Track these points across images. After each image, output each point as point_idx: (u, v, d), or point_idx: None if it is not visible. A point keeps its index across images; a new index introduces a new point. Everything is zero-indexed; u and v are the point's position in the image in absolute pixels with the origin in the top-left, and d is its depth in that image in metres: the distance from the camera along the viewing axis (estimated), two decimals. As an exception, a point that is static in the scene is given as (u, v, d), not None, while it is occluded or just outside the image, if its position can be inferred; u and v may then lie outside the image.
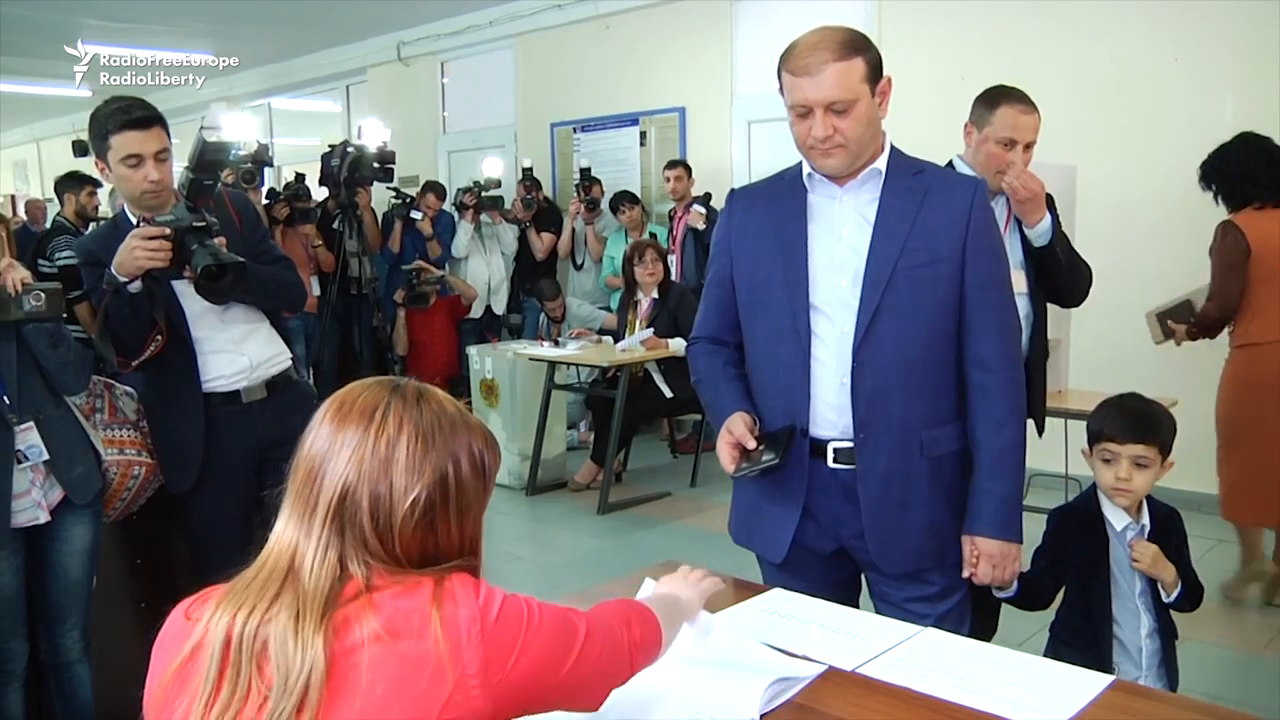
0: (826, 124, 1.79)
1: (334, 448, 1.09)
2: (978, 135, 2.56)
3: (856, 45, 1.79)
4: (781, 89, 1.85)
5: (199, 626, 1.08)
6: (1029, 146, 2.53)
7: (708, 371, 2.06)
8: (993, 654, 1.55)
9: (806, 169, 1.92)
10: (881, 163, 1.88)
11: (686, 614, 1.47)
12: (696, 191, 6.36)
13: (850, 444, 1.88)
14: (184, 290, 2.59)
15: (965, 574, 1.91)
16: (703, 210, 6.13)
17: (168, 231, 2.43)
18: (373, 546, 1.08)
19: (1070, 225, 3.74)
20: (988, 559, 1.89)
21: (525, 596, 1.13)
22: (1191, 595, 2.10)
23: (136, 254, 2.41)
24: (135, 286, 2.46)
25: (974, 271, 1.86)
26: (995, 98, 2.54)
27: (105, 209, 6.17)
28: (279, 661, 1.02)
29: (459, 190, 7.22)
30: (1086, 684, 1.43)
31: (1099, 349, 4.44)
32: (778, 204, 1.96)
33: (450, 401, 1.16)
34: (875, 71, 1.81)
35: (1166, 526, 2.14)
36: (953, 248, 1.85)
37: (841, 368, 1.86)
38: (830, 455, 1.89)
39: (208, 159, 2.60)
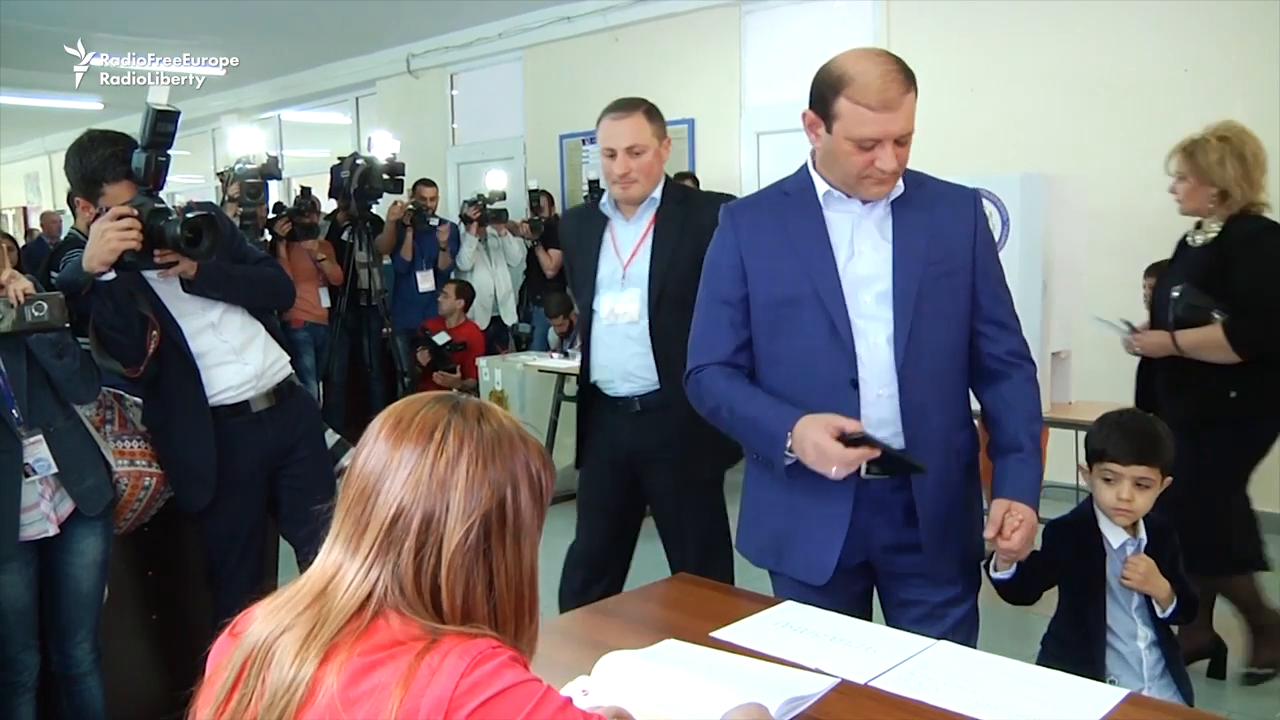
0: (898, 156, 1.77)
1: (390, 466, 1.04)
2: None
3: (912, 74, 1.78)
4: (830, 115, 1.78)
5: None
6: (631, 152, 2.60)
7: (738, 392, 1.91)
8: (1006, 667, 1.54)
9: (824, 187, 1.89)
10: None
11: None
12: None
13: None
14: (179, 308, 2.58)
15: (990, 534, 1.85)
16: None
17: (136, 211, 2.40)
18: (407, 580, 1.02)
19: (1079, 235, 3.74)
20: (1029, 527, 1.84)
21: (581, 711, 1.01)
22: (1186, 609, 2.09)
23: (109, 236, 2.37)
24: (109, 276, 2.43)
25: (986, 275, 1.92)
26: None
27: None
28: (275, 676, 0.99)
29: (464, 203, 7.22)
30: (1100, 698, 1.42)
31: (1106, 361, 4.41)
32: (791, 221, 1.91)
33: (508, 418, 1.11)
34: None
35: (1161, 540, 2.13)
36: (965, 257, 1.89)
37: (880, 383, 1.86)
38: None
39: (160, 130, 2.44)
